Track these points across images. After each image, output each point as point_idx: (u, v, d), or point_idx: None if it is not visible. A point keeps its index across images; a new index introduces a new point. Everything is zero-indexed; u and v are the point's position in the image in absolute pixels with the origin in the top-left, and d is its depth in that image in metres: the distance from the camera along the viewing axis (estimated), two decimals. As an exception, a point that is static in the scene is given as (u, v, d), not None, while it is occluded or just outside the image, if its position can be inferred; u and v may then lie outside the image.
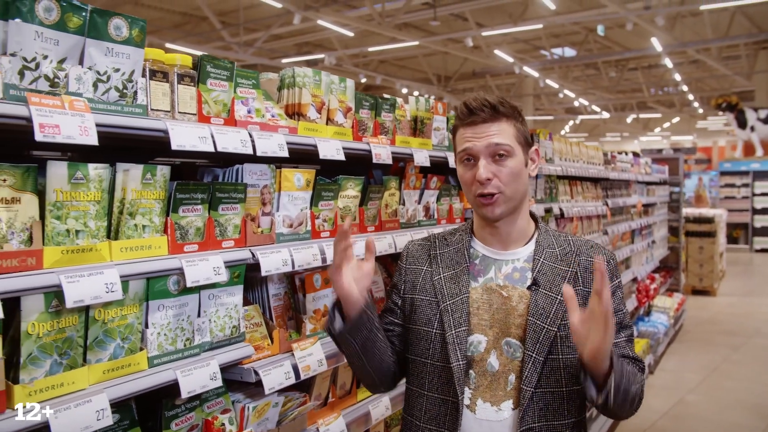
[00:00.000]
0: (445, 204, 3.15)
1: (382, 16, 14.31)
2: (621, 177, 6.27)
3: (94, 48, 1.56)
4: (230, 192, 1.94)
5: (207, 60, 1.88)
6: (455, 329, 1.71)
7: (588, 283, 1.73)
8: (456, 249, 1.81)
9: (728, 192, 17.42)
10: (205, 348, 1.88)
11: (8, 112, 1.37)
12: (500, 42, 18.29)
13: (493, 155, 1.67)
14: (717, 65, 19.14)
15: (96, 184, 1.57)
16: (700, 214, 11.20)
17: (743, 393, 6.21)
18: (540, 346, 1.66)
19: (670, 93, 26.04)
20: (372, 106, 2.63)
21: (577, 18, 15.33)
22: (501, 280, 1.75)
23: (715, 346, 8.04)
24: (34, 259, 1.45)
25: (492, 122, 1.67)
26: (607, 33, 16.45)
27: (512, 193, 1.69)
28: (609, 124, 33.29)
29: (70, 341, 1.53)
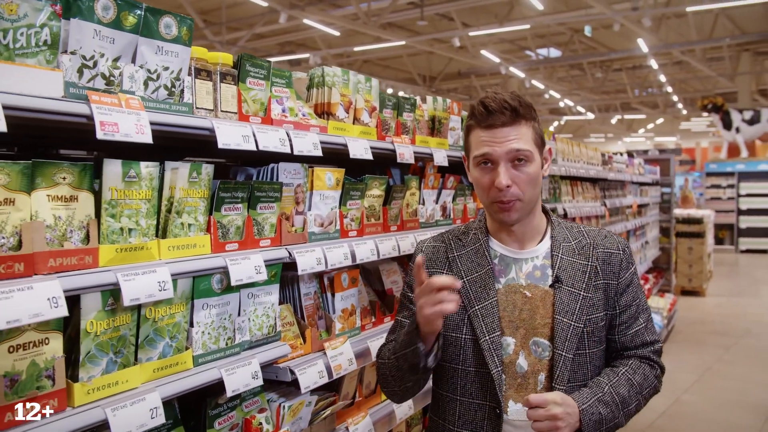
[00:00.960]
0: (460, 204, 3.21)
1: (368, 16, 14.38)
2: (618, 177, 6.40)
3: (146, 46, 1.59)
4: (267, 191, 1.97)
5: (246, 59, 1.92)
6: (489, 335, 1.70)
7: (608, 275, 1.77)
8: (475, 250, 1.80)
9: (714, 193, 17.76)
10: (245, 347, 1.92)
11: (71, 110, 1.40)
12: (486, 42, 18.45)
13: (513, 161, 1.66)
14: (701, 66, 19.52)
15: (147, 183, 1.60)
16: (689, 214, 11.43)
17: (738, 393, 6.36)
18: (569, 343, 1.70)
19: (654, 94, 26.48)
20: (394, 105, 2.68)
21: (563, 18, 15.54)
22: (523, 279, 1.76)
23: (707, 346, 8.21)
24: (91, 258, 1.48)
25: (512, 125, 1.65)
26: (593, 34, 16.69)
27: (529, 199, 1.70)
28: (593, 125, 33.72)
29: (124, 339, 1.56)
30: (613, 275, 1.78)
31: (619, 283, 1.78)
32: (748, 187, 17.36)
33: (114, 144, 1.67)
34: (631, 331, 1.80)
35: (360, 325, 2.46)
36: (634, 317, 1.80)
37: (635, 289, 1.81)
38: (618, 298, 1.78)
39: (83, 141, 1.71)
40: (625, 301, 1.79)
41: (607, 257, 1.78)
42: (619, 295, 1.78)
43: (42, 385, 1.38)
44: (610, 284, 1.77)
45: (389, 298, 2.72)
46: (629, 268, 1.81)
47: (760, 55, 21.46)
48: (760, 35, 16.85)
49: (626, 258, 1.81)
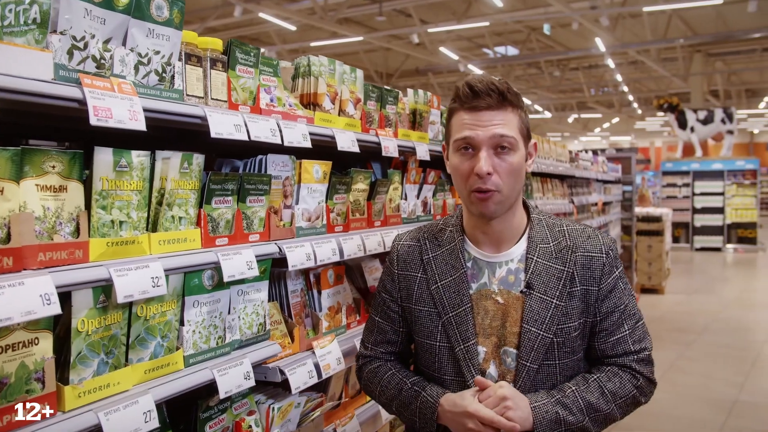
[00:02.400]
0: (440, 199, 3.22)
1: (324, 10, 14.31)
2: (584, 175, 6.53)
3: (137, 29, 1.54)
4: (257, 183, 1.94)
5: (236, 45, 1.88)
6: (464, 343, 1.65)
7: (587, 281, 1.66)
8: (450, 251, 1.72)
9: (670, 192, 18.34)
10: (235, 346, 1.88)
11: (62, 94, 1.34)
12: (444, 39, 18.60)
13: (496, 147, 1.57)
14: (655, 66, 20.12)
15: (138, 173, 1.55)
16: (648, 213, 11.75)
17: (700, 388, 6.57)
18: (535, 354, 1.62)
19: (610, 93, 27.16)
20: (378, 98, 2.67)
21: (522, 16, 15.78)
22: (495, 284, 1.67)
23: (669, 343, 8.45)
24: (81, 252, 1.42)
25: (497, 110, 1.56)
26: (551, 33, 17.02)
27: (509, 192, 1.60)
28: (550, 124, 34.39)
29: (115, 339, 1.51)
30: (593, 281, 1.66)
31: (600, 288, 1.67)
32: (702, 185, 17.99)
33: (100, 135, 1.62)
34: (613, 339, 1.69)
35: (346, 323, 2.44)
36: (617, 324, 1.69)
37: (619, 295, 1.69)
38: (599, 304, 1.67)
39: (66, 131, 1.64)
40: (607, 307, 1.68)
41: (587, 262, 1.66)
42: (600, 302, 1.67)
43: (31, 389, 1.32)
44: (590, 290, 1.66)
45: (372, 296, 2.70)
46: (612, 273, 1.68)
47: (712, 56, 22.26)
48: (712, 37, 17.48)
49: (609, 262, 1.68)
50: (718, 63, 23.11)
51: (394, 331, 1.81)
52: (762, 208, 24.72)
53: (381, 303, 1.83)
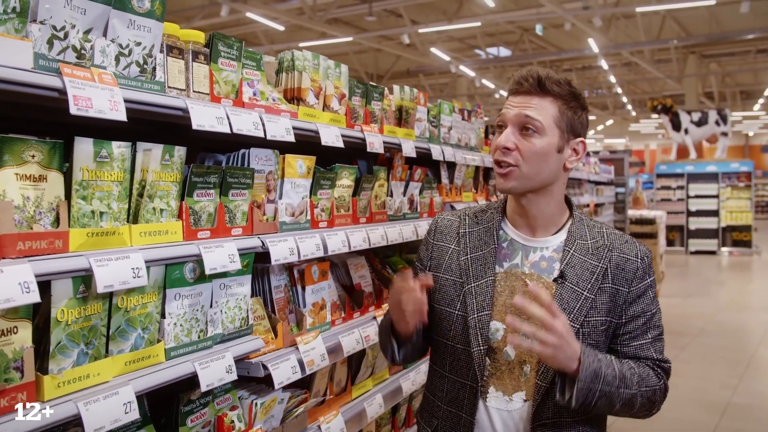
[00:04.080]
0: (427, 197, 3.26)
1: (313, 10, 14.36)
2: (575, 175, 6.59)
3: (118, 19, 1.58)
4: (240, 177, 1.97)
5: (219, 38, 1.91)
6: (478, 313, 1.72)
7: (617, 281, 1.73)
8: (485, 229, 1.82)
9: (665, 194, 18.48)
10: (217, 340, 1.91)
11: (42, 83, 1.37)
12: (435, 40, 18.69)
13: (521, 127, 1.67)
14: (649, 68, 20.28)
15: (119, 164, 1.58)
16: (642, 215, 11.84)
17: (695, 391, 6.63)
18: None
19: (604, 95, 27.34)
20: (363, 93, 2.71)
21: (514, 17, 15.89)
22: (527, 267, 1.75)
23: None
24: (61, 242, 1.45)
25: (534, 96, 1.68)
26: (543, 33, 17.14)
27: (530, 172, 1.68)
28: (542, 127, 34.51)
29: (95, 330, 1.53)
30: (624, 282, 1.73)
31: (630, 291, 1.73)
32: (697, 188, 18.14)
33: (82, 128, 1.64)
34: (636, 343, 1.74)
35: (330, 320, 2.47)
36: (641, 330, 1.74)
37: (648, 301, 1.74)
38: (626, 306, 1.73)
39: (48, 123, 1.67)
40: (634, 311, 1.73)
41: (622, 262, 1.74)
42: (628, 304, 1.73)
43: (10, 378, 1.35)
44: (620, 291, 1.72)
45: (358, 293, 2.74)
46: (645, 279, 1.75)
47: (706, 58, 22.47)
48: (705, 38, 17.65)
49: (644, 267, 1.75)
50: (713, 64, 23.32)
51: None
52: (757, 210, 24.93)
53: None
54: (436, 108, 3.40)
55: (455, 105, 3.62)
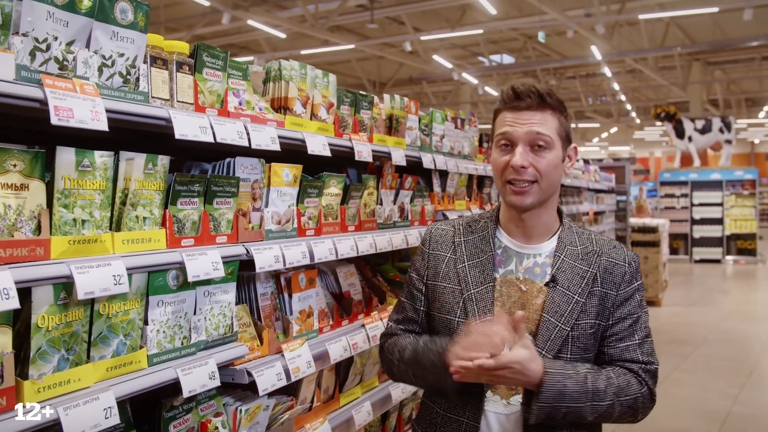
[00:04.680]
0: (418, 205, 3.29)
1: (315, 18, 14.45)
2: (574, 184, 6.62)
3: (101, 31, 1.62)
4: (224, 185, 2.01)
5: (203, 48, 1.95)
6: (480, 318, 1.77)
7: (606, 285, 1.80)
8: (481, 237, 1.88)
9: (668, 202, 18.46)
10: (201, 347, 1.94)
11: (24, 94, 1.41)
12: (438, 47, 18.77)
13: (533, 144, 1.73)
14: (653, 75, 20.32)
15: (101, 172, 1.62)
16: (644, 223, 11.85)
17: (694, 400, 6.62)
18: (551, 344, 1.74)
19: (608, 102, 27.38)
20: (352, 102, 2.75)
21: (516, 24, 15.96)
22: (521, 273, 1.82)
23: (665, 355, 8.51)
24: (42, 249, 1.49)
25: (536, 110, 1.73)
26: (546, 41, 17.20)
27: (547, 186, 1.76)
28: (546, 135, 34.56)
29: (76, 336, 1.57)
30: (613, 285, 1.81)
31: (618, 294, 1.81)
32: (701, 196, 18.12)
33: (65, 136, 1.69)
34: (622, 345, 1.80)
35: (318, 327, 2.50)
36: (627, 332, 1.80)
37: (635, 305, 1.82)
38: (614, 309, 1.80)
39: (33, 133, 1.71)
40: (621, 313, 1.80)
41: (610, 266, 1.82)
42: (615, 307, 1.80)
43: (-10, 383, 1.38)
44: (609, 294, 1.80)
45: (347, 301, 2.77)
46: (632, 283, 1.83)
47: (710, 65, 22.50)
48: (710, 45, 17.69)
49: (631, 272, 1.84)
50: (717, 72, 23.35)
51: (414, 309, 1.92)
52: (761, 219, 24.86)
53: (408, 282, 1.98)
54: (427, 116, 3.44)
55: (447, 113, 3.66)
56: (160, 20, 15.08)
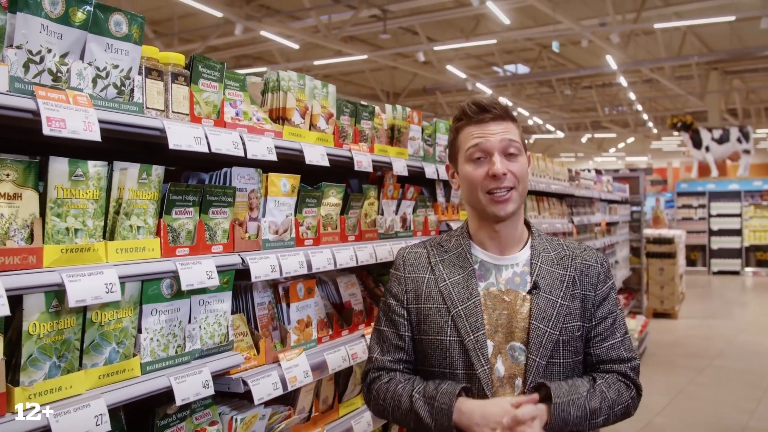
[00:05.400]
0: (421, 216, 3.30)
1: (328, 29, 14.56)
2: (585, 194, 6.59)
3: (95, 43, 1.66)
4: (220, 195, 2.03)
5: (199, 60, 1.99)
6: (474, 334, 1.79)
7: (584, 286, 1.88)
8: (457, 254, 1.91)
9: (685, 213, 18.31)
10: (196, 356, 1.96)
11: (16, 105, 1.45)
12: (452, 57, 18.81)
13: (506, 152, 1.81)
14: (670, 85, 20.22)
15: (95, 182, 1.65)
16: (660, 234, 11.76)
17: (710, 414, 6.54)
18: (543, 350, 1.79)
19: (625, 112, 27.25)
20: (352, 112, 2.77)
21: (531, 34, 15.96)
22: (502, 285, 1.87)
23: (680, 368, 8.42)
24: (34, 258, 1.52)
25: (502, 121, 1.83)
26: (562, 50, 17.19)
27: (522, 191, 1.85)
28: (563, 144, 34.47)
29: (68, 344, 1.59)
30: (590, 286, 1.89)
31: (596, 294, 1.89)
32: (718, 207, 17.96)
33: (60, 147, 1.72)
34: (607, 344, 1.88)
35: (317, 337, 2.52)
36: (610, 330, 1.89)
37: (612, 303, 1.92)
38: (595, 310, 1.88)
39: (30, 144, 1.75)
40: (602, 313, 1.89)
41: (585, 268, 1.90)
42: (595, 307, 1.88)
43: (-19, 389, 1.41)
44: (588, 295, 1.88)
45: (347, 311, 2.78)
46: (607, 282, 1.92)
47: (729, 74, 22.33)
48: (728, 54, 17.58)
49: (604, 272, 1.93)
50: (736, 81, 23.16)
51: (399, 336, 1.90)
52: (783, 230, 24.49)
53: (386, 310, 1.95)
54: (431, 127, 3.46)
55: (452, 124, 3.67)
56: (173, 32, 15.28)
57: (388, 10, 14.03)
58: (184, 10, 14.65)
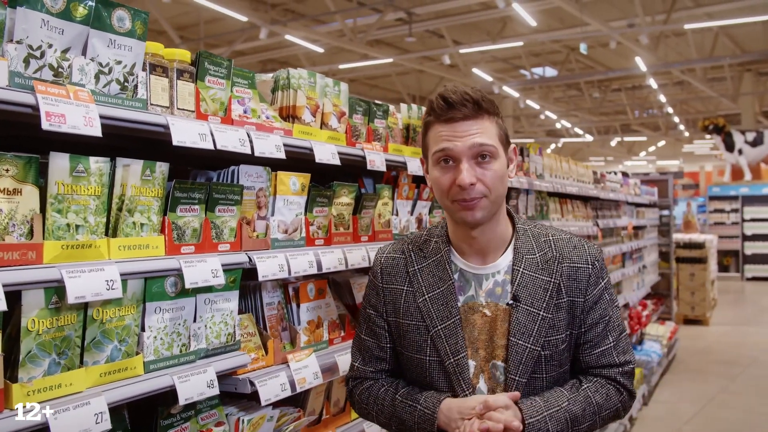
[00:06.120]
0: (437, 216, 3.26)
1: (354, 32, 14.59)
2: (611, 197, 6.48)
3: (97, 39, 1.65)
4: (227, 193, 2.02)
5: (205, 56, 1.98)
6: (454, 357, 1.68)
7: (572, 292, 1.72)
8: (436, 263, 1.75)
9: (718, 218, 17.94)
10: (201, 355, 1.94)
11: (15, 100, 1.44)
12: (478, 60, 18.75)
13: (476, 157, 1.61)
14: (702, 86, 19.87)
15: (96, 178, 1.64)
16: (691, 239, 11.54)
17: (741, 424, 6.38)
18: (523, 367, 1.66)
19: (655, 115, 26.86)
20: (365, 111, 2.74)
21: (558, 36, 15.83)
22: (483, 297, 1.72)
23: (711, 376, 8.23)
24: (34, 253, 1.51)
25: (474, 119, 1.61)
26: (590, 53, 17.01)
27: (495, 198, 1.65)
28: (592, 148, 34.10)
29: (69, 341, 1.59)
30: (579, 292, 1.72)
31: (586, 300, 1.73)
32: (752, 211, 17.55)
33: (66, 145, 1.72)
34: (597, 351, 1.75)
35: (328, 338, 2.49)
36: (601, 336, 1.75)
37: (604, 306, 1.75)
38: (584, 315, 1.73)
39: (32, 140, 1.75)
40: (592, 318, 1.74)
41: (573, 272, 1.72)
42: (585, 313, 1.73)
43: (-21, 385, 1.40)
44: (576, 302, 1.72)
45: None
46: (598, 284, 1.75)
47: (763, 75, 21.90)
48: (761, 55, 17.21)
49: (595, 273, 1.75)
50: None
51: (380, 348, 1.82)
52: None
53: (366, 319, 1.86)
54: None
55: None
56: (199, 36, 15.45)
57: (414, 13, 14.02)
58: (210, 15, 14.81)
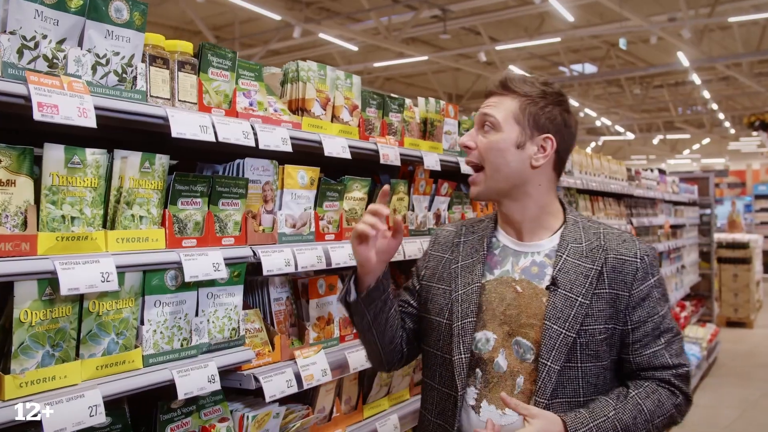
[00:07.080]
0: (457, 212, 3.20)
1: (388, 30, 14.54)
2: (646, 195, 6.32)
3: (94, 30, 1.65)
4: (231, 186, 2.00)
5: (209, 48, 1.96)
6: (461, 320, 1.75)
7: (615, 285, 1.69)
8: (479, 237, 1.86)
9: (764, 217, 17.41)
10: (203, 350, 1.93)
11: (6, 90, 1.44)
12: (515, 58, 18.52)
13: (482, 125, 1.76)
14: (749, 82, 19.27)
15: (93, 170, 1.64)
16: (734, 239, 11.20)
17: (784, 430, 6.17)
18: (556, 353, 1.64)
19: (699, 112, 26.17)
20: (379, 105, 2.70)
21: (597, 31, 15.53)
22: (517, 273, 1.75)
23: (754, 380, 7.99)
24: (28, 245, 1.51)
25: (498, 96, 1.76)
26: (631, 48, 16.64)
27: (493, 172, 1.73)
28: (634, 146, 33.40)
29: (63, 333, 1.58)
30: (623, 285, 1.69)
31: (631, 295, 1.69)
32: (801, 210, 16.99)
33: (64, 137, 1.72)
34: (649, 352, 1.70)
35: (339, 335, 2.46)
36: (652, 336, 1.70)
37: (653, 304, 1.71)
38: (630, 312, 1.69)
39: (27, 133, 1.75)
40: (639, 316, 1.69)
41: (618, 264, 1.70)
42: (631, 309, 1.69)
43: (-30, 376, 1.41)
44: (620, 295, 1.68)
45: (375, 310, 2.71)
46: (647, 280, 1.71)
47: (814, 69, 21.15)
48: (812, 47, 16.63)
49: (644, 267, 1.71)
50: (821, 77, 21.92)
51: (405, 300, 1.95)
52: None
53: (411, 275, 2.01)
54: (469, 121, 3.36)
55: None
56: (234, 36, 15.60)
57: (449, 10, 13.91)
58: (246, 15, 14.96)
